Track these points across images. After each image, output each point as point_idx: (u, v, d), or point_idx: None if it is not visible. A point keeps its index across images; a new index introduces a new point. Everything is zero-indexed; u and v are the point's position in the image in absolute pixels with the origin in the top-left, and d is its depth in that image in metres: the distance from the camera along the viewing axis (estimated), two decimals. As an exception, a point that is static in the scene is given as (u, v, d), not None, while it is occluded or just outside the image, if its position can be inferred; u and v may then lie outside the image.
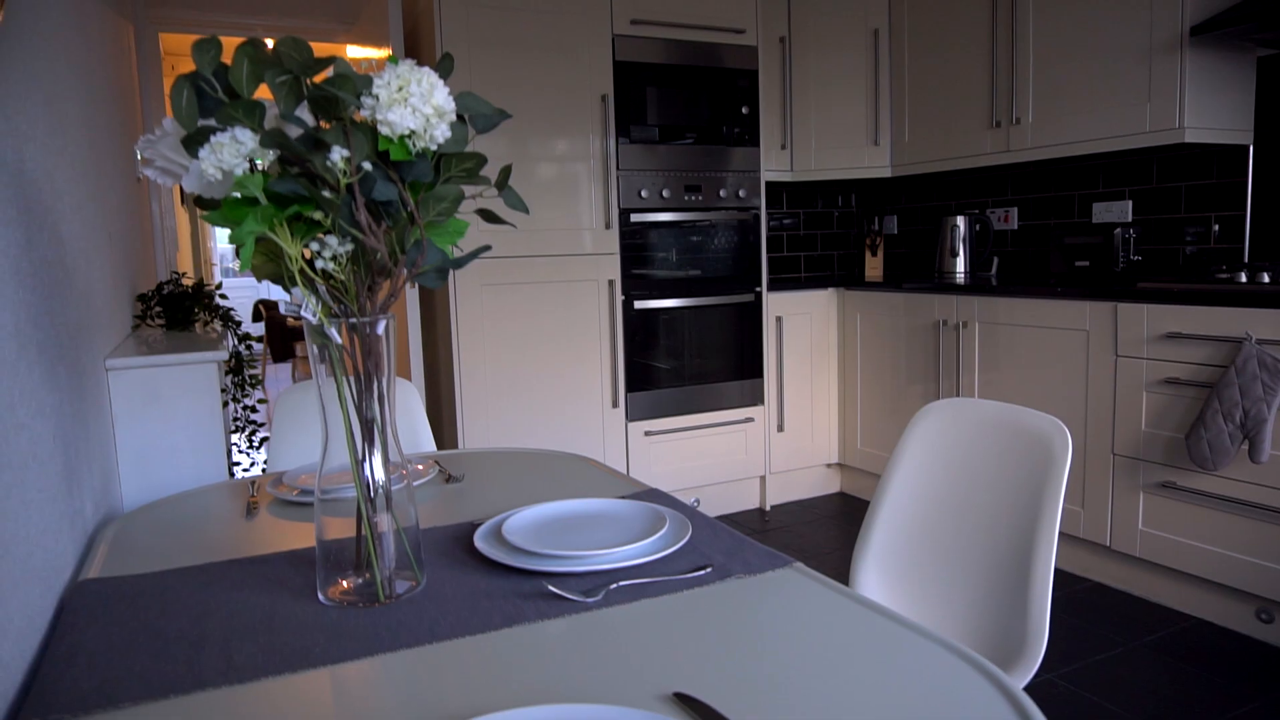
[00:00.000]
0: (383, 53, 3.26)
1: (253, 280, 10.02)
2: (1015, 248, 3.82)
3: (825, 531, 3.53)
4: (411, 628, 0.91)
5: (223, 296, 2.41)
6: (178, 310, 2.25)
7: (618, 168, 3.33)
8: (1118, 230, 3.22)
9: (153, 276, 3.24)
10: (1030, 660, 1.24)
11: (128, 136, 2.59)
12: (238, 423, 2.53)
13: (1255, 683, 2.23)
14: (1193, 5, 2.73)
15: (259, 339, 3.16)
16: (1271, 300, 2.32)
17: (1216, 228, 3.06)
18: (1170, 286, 2.60)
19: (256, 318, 7.99)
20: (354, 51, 3.85)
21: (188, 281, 2.39)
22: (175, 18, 3.58)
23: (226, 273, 10.63)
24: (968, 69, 3.52)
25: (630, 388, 3.43)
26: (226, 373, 2.35)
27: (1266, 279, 2.44)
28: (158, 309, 2.29)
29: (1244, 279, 2.49)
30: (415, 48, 3.27)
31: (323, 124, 0.89)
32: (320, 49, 5.06)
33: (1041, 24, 3.20)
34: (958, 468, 1.44)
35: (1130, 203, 3.32)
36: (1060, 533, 2.96)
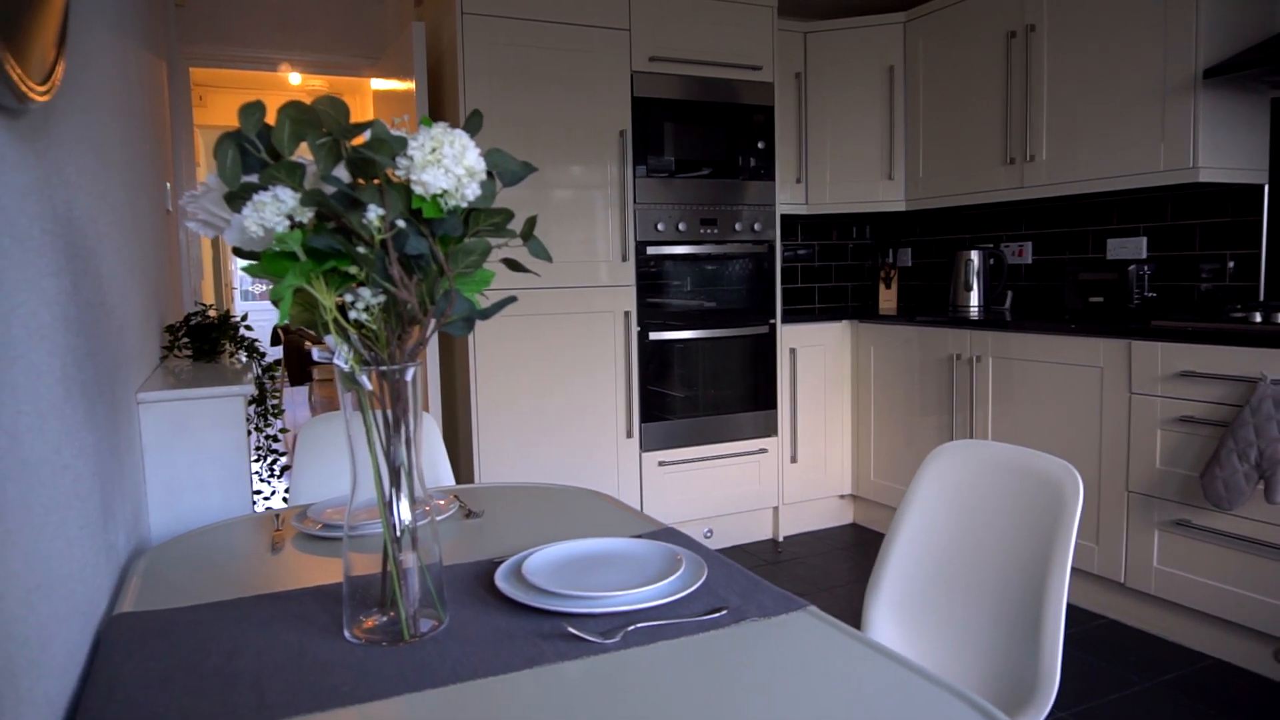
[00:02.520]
0: (407, 85, 3.33)
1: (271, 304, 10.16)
2: (1029, 282, 3.84)
3: (839, 564, 3.53)
4: (435, 668, 0.94)
5: (248, 328, 2.47)
6: (204, 341, 2.30)
7: (635, 201, 3.38)
8: (1132, 267, 3.24)
9: (179, 304, 3.31)
10: (1041, 703, 1.25)
11: (160, 167, 2.66)
12: (259, 451, 2.57)
13: (1272, 725, 2.22)
14: (1206, 48, 2.76)
15: (277, 363, 3.21)
16: (1285, 340, 2.33)
17: (1231, 265, 3.07)
18: (1184, 325, 2.61)
19: (275, 341, 8.08)
20: (378, 84, 3.93)
21: (213, 313, 2.44)
22: (207, 54, 3.68)
23: (246, 296, 10.77)
24: (982, 105, 3.57)
25: (645, 418, 3.46)
26: (250, 403, 2.40)
27: (1281, 319, 2.45)
28: (185, 339, 2.34)
29: (1259, 319, 2.50)
30: (439, 82, 3.34)
31: (359, 181, 0.93)
32: (345, 83, 5.14)
33: (1055, 63, 3.24)
34: (970, 510, 1.46)
35: (1145, 239, 3.34)
36: (1075, 569, 2.96)
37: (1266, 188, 2.96)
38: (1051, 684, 1.26)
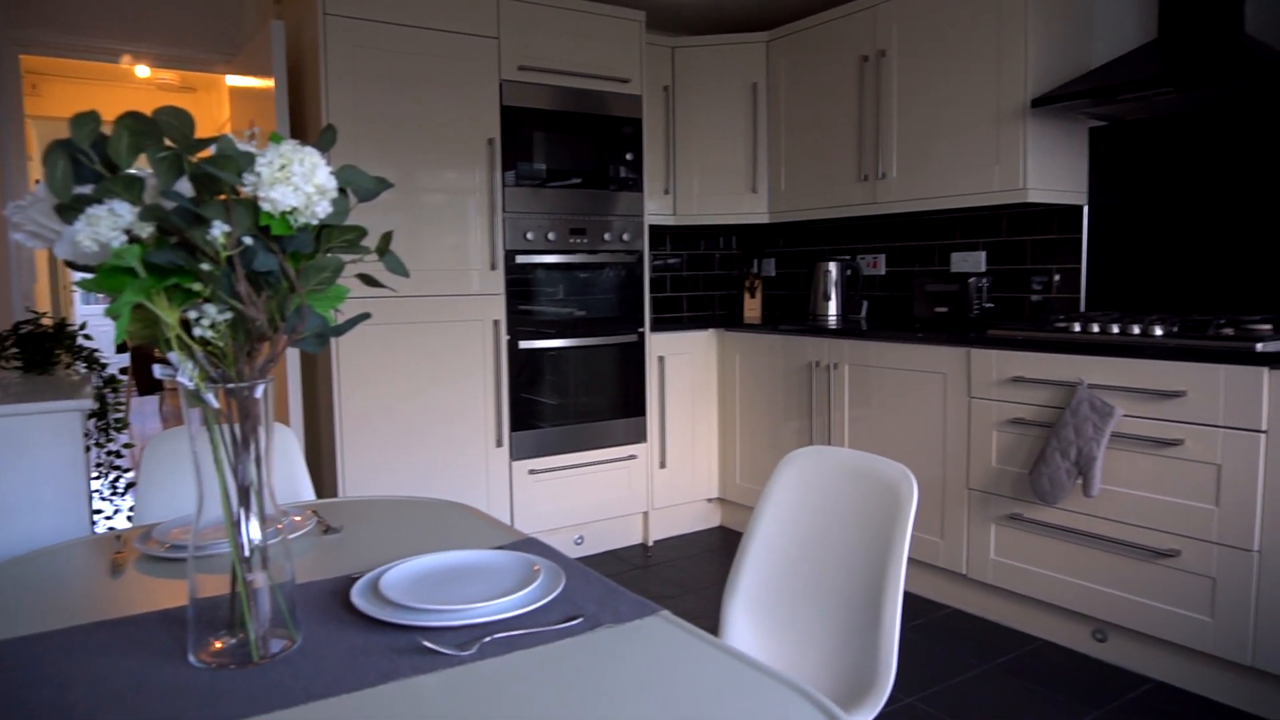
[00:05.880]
0: (265, 84, 3.22)
1: (118, 307, 9.49)
2: (883, 292, 4.06)
3: (706, 565, 3.62)
4: (286, 688, 0.92)
5: (87, 337, 2.32)
6: (37, 352, 2.15)
7: (504, 210, 3.38)
8: (972, 279, 3.48)
9: (7, 311, 3.07)
10: (880, 691, 1.34)
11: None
12: (100, 468, 2.42)
13: (1092, 698, 2.44)
14: (1034, 79, 3.01)
15: (124, 371, 3.03)
16: (1100, 349, 2.57)
17: (1058, 278, 3.35)
18: (1015, 334, 2.83)
19: (120, 349, 7.58)
20: (234, 81, 3.77)
21: (48, 321, 2.29)
22: (39, 40, 3.43)
23: (87, 299, 10.04)
24: (838, 124, 3.75)
25: (515, 427, 3.46)
26: (89, 417, 2.26)
27: (1096, 329, 2.69)
28: (13, 350, 2.19)
29: (1078, 328, 2.74)
30: (300, 81, 3.24)
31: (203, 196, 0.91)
32: (200, 78, 4.88)
33: (904, 87, 3.45)
34: (818, 512, 1.55)
35: (984, 253, 3.60)
36: (922, 563, 3.16)
37: (1085, 208, 3.25)
38: (889, 673, 1.35)
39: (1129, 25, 3.09)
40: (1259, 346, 2.26)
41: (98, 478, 2.46)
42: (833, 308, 4.01)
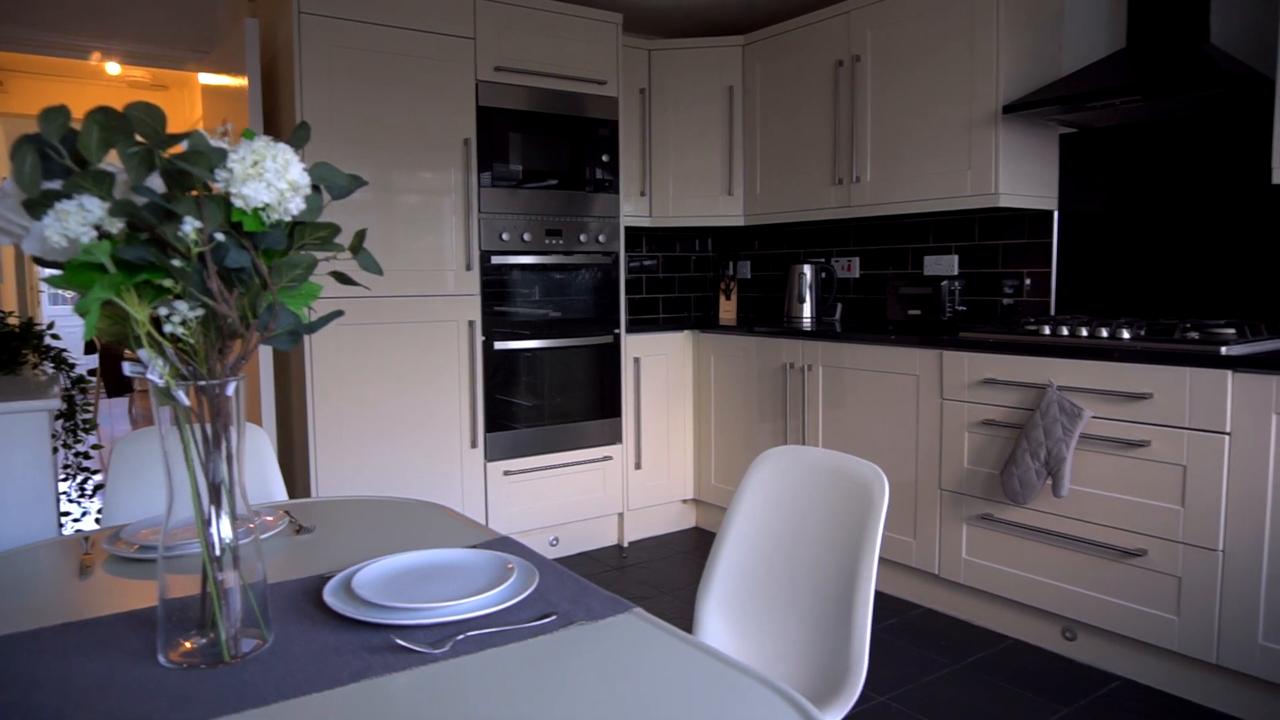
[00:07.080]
0: (238, 82, 3.19)
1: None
2: (857, 295, 4.09)
3: (681, 566, 3.63)
4: (257, 687, 0.92)
5: (54, 337, 2.29)
6: (3, 351, 2.12)
7: (480, 210, 3.37)
8: (945, 282, 3.52)
9: (-27, 310, 3.02)
10: (852, 689, 1.36)
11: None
12: (68, 470, 2.39)
13: (1061, 696, 2.47)
14: (1005, 86, 3.05)
15: (92, 372, 2.98)
16: (1069, 351, 2.61)
17: (1028, 282, 3.39)
18: (986, 337, 2.87)
19: (89, 350, 7.47)
20: (206, 79, 3.73)
21: (14, 321, 2.25)
22: (7, 36, 3.37)
23: (55, 300, 9.89)
24: (813, 128, 3.78)
25: (490, 428, 3.45)
26: (57, 418, 2.23)
27: (1066, 332, 2.73)
28: (-21, 349, 2.15)
29: (1048, 331, 2.78)
30: (274, 80, 3.22)
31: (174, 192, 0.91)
32: (172, 76, 4.82)
33: (878, 92, 3.49)
34: (790, 511, 1.56)
35: (956, 257, 3.64)
36: (895, 562, 3.18)
37: (1056, 214, 3.29)
38: (860, 671, 1.37)
39: (1098, 34, 3.14)
40: (1223, 350, 2.30)
41: (65, 479, 2.42)
42: (807, 310, 4.04)
